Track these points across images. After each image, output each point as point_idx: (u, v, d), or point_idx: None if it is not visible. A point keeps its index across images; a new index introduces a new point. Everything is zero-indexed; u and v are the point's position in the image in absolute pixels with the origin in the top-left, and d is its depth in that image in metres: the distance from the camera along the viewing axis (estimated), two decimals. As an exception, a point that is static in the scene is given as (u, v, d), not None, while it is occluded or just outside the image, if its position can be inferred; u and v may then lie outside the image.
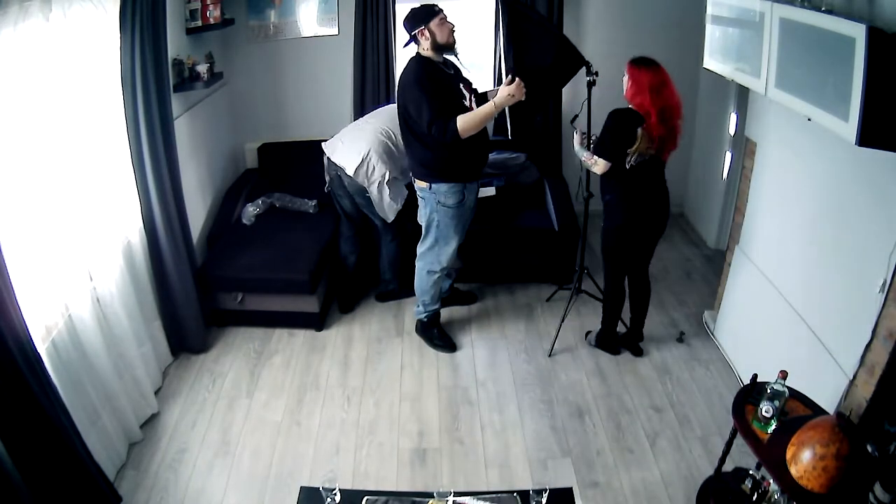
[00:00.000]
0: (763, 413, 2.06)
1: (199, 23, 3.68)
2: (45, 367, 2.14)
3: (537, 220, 4.03)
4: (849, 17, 1.83)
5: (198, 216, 3.84)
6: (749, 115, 3.19)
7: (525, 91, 2.86)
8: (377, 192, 3.41)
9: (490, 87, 3.35)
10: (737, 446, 2.37)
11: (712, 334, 3.50)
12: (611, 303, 3.28)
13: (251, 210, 3.97)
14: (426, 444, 2.87)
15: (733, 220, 3.39)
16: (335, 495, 1.95)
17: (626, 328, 3.41)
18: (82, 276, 2.62)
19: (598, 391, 3.16)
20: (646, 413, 3.01)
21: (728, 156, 4.14)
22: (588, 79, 3.06)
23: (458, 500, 2.00)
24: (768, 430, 2.04)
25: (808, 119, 2.04)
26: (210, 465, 2.76)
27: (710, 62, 2.78)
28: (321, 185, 3.65)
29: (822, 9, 1.98)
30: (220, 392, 3.19)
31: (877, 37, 1.68)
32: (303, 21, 4.30)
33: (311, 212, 4.06)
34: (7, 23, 2.09)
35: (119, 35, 2.73)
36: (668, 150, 2.86)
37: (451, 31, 2.94)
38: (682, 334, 3.52)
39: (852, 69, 1.74)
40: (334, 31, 4.32)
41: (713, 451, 2.71)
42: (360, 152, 3.35)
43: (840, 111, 1.83)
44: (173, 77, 3.38)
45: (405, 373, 3.33)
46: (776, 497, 2.11)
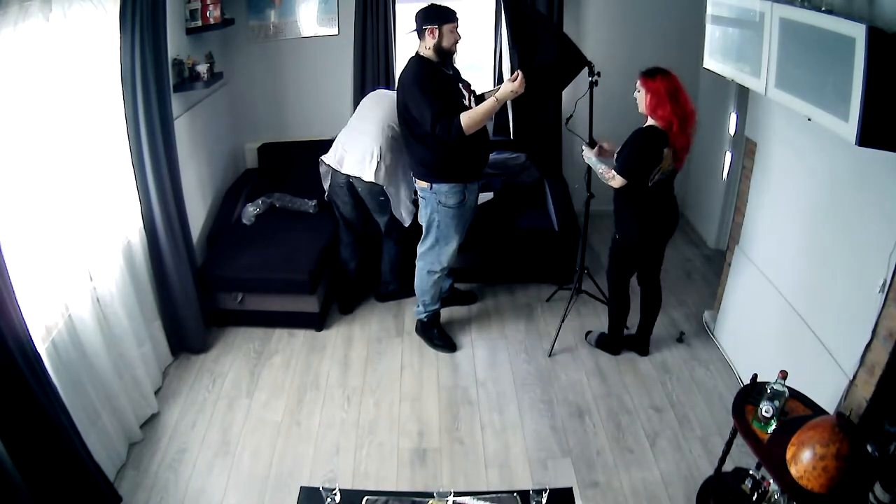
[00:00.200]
0: (763, 413, 2.06)
1: (199, 23, 3.67)
2: (45, 367, 2.14)
3: (537, 220, 4.02)
4: (849, 17, 1.83)
5: (198, 216, 3.84)
6: (749, 115, 3.18)
7: (526, 86, 2.85)
8: (395, 189, 3.39)
9: (489, 88, 3.34)
10: (737, 446, 2.37)
11: (712, 334, 3.50)
12: (616, 309, 3.28)
13: (251, 210, 3.97)
14: (426, 444, 2.87)
15: (733, 220, 3.39)
16: (335, 495, 1.95)
17: (633, 332, 3.40)
18: (82, 276, 2.62)
19: (598, 391, 3.16)
20: (646, 413, 3.01)
21: (728, 156, 4.14)
22: (590, 79, 3.06)
23: (458, 500, 2.00)
24: (768, 430, 2.04)
25: (808, 119, 2.04)
26: (210, 465, 2.76)
27: (710, 62, 2.78)
28: (321, 186, 3.64)
29: (822, 9, 1.98)
30: (220, 392, 3.20)
31: (877, 37, 1.68)
32: (303, 21, 4.30)
33: (311, 212, 4.06)
34: (7, 23, 2.09)
35: (119, 35, 2.74)
36: (682, 160, 2.81)
37: (456, 42, 2.97)
38: (682, 334, 3.52)
39: (852, 69, 1.74)
40: (334, 31, 4.32)
41: (713, 451, 2.72)
42: (371, 153, 3.29)
43: (840, 111, 1.83)
44: (173, 77, 3.38)
45: (405, 373, 3.33)
46: (776, 497, 2.11)
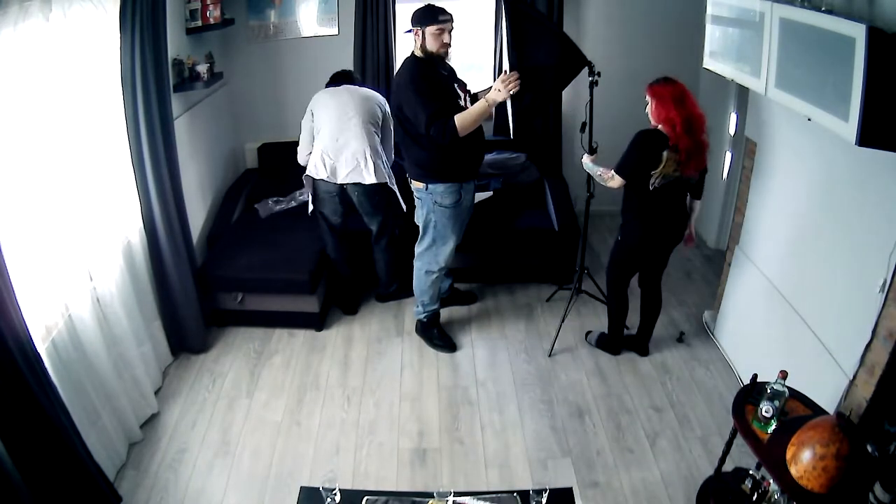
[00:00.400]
0: (763, 413, 2.06)
1: (199, 23, 3.68)
2: (45, 367, 2.14)
3: (537, 220, 4.02)
4: (849, 17, 1.83)
5: (198, 216, 3.84)
6: (749, 115, 3.18)
7: (520, 82, 2.78)
8: (391, 180, 3.43)
9: (483, 87, 3.34)
10: (737, 446, 2.37)
11: (712, 334, 3.50)
12: (615, 310, 3.28)
13: (272, 206, 3.94)
14: (426, 444, 2.87)
15: (733, 220, 3.39)
16: (335, 495, 1.95)
17: (633, 332, 3.40)
18: (82, 276, 2.62)
19: (598, 391, 3.16)
20: (646, 413, 3.01)
21: (728, 156, 4.14)
22: (590, 79, 3.05)
23: (458, 500, 2.00)
24: (768, 430, 2.04)
25: (808, 119, 2.04)
26: (210, 465, 2.76)
27: (710, 62, 2.78)
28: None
29: (822, 9, 1.98)
30: (220, 392, 3.19)
31: (877, 37, 1.68)
32: (303, 21, 4.30)
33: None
34: (7, 23, 2.09)
35: (119, 35, 2.74)
36: (694, 166, 2.77)
37: (445, 45, 2.93)
38: (682, 334, 3.52)
39: (852, 69, 1.75)
40: (334, 31, 4.33)
41: (713, 451, 2.72)
42: (364, 157, 3.33)
43: (840, 111, 1.83)
44: (173, 77, 3.38)
45: (405, 373, 3.33)
46: (776, 497, 2.11)
